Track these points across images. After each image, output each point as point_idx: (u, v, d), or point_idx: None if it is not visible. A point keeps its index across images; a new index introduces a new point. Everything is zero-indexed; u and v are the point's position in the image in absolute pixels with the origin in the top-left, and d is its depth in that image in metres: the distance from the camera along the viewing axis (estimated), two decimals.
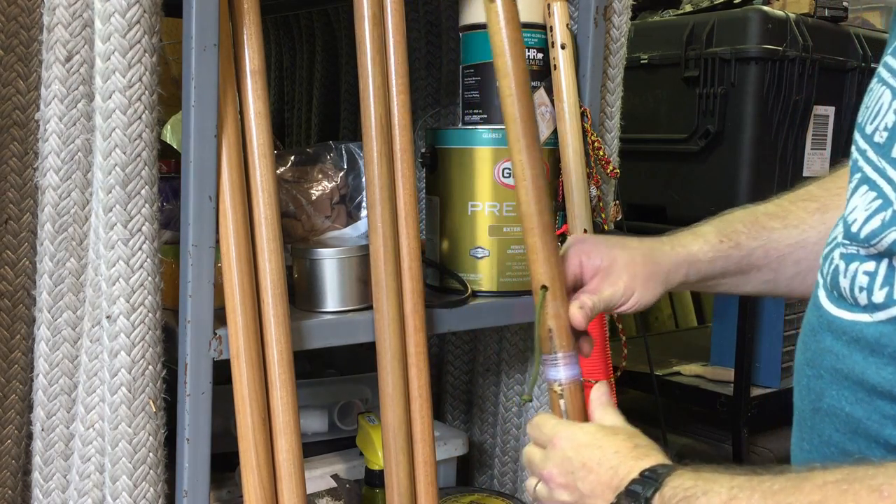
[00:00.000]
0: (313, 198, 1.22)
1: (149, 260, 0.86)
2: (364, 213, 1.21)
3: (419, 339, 1.02)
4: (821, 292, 0.77)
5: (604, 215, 1.17)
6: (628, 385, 1.93)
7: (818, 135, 1.98)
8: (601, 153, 1.15)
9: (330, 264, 1.03)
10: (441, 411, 1.47)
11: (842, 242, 0.75)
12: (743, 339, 1.95)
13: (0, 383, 0.95)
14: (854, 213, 0.73)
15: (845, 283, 0.73)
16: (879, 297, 0.69)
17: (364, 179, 1.09)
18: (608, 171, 1.17)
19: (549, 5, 1.12)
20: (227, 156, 0.89)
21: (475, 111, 1.15)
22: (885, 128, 0.72)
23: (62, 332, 0.93)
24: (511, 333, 1.33)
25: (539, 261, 0.85)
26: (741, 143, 1.87)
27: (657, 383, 1.32)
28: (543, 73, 1.13)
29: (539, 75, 1.12)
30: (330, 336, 1.01)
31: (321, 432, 1.30)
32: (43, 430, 0.94)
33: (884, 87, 0.74)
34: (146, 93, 0.83)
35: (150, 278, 0.86)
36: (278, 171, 1.17)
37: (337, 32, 1.64)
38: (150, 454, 0.87)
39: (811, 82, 1.91)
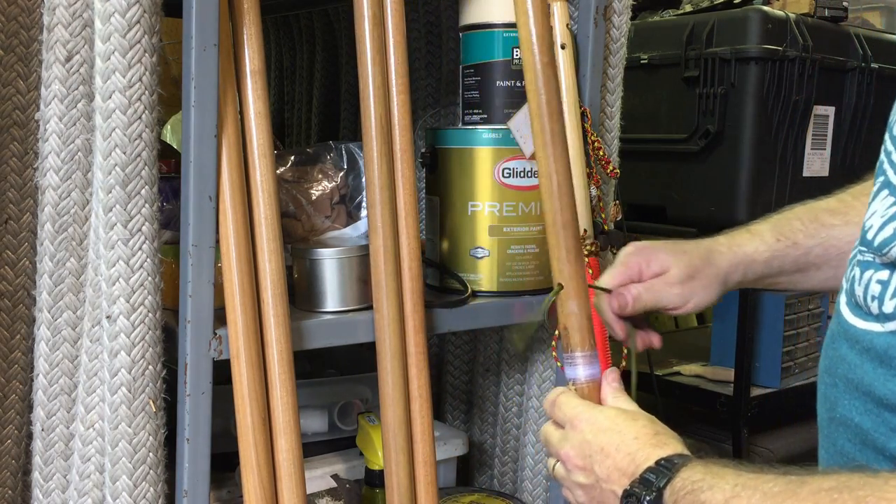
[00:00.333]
0: (313, 198, 1.21)
1: (149, 260, 0.86)
2: (364, 213, 1.21)
3: (419, 339, 1.02)
4: (842, 297, 0.75)
5: (604, 215, 1.17)
6: (628, 385, 1.93)
7: (818, 135, 1.98)
8: (601, 153, 1.15)
9: (330, 264, 1.03)
10: (441, 411, 1.47)
11: (859, 248, 0.73)
12: (743, 339, 1.95)
13: (0, 383, 0.95)
14: (872, 218, 0.71)
15: (860, 291, 0.71)
16: (889, 306, 0.67)
17: (364, 179, 1.09)
18: (608, 171, 1.17)
19: (549, 5, 1.12)
20: (227, 156, 0.89)
21: (475, 111, 1.15)
22: None
23: (62, 332, 0.93)
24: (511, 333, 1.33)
25: (557, 258, 0.84)
26: (741, 143, 1.87)
27: (657, 383, 1.32)
28: None
29: None
30: (330, 336, 1.01)
31: (321, 432, 1.30)
32: (43, 430, 0.94)
33: None
34: (146, 93, 0.83)
35: (150, 278, 0.86)
36: (278, 171, 1.17)
37: (337, 32, 1.64)
38: (150, 454, 0.87)
39: (811, 82, 1.91)
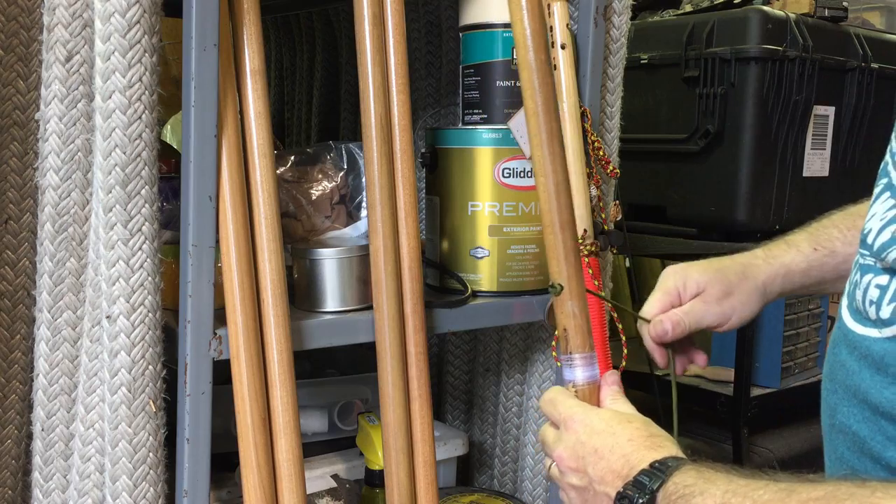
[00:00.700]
0: (313, 198, 1.21)
1: (149, 260, 0.86)
2: (364, 213, 1.21)
3: (419, 339, 1.02)
4: (844, 301, 0.74)
5: (604, 215, 1.17)
6: (628, 385, 1.93)
7: (818, 135, 1.98)
8: (601, 153, 1.15)
9: (330, 264, 1.03)
10: (441, 411, 1.47)
11: (860, 251, 0.72)
12: (743, 339, 1.95)
13: (0, 383, 0.95)
14: (871, 221, 0.71)
15: (859, 295, 0.70)
16: (886, 312, 0.67)
17: (364, 179, 1.09)
18: (608, 171, 1.17)
19: (548, 5, 1.12)
20: (227, 156, 0.89)
21: (475, 111, 1.15)
22: None
23: (62, 332, 0.93)
24: (511, 333, 1.33)
25: (556, 259, 0.83)
26: (741, 143, 1.87)
27: (657, 383, 1.32)
28: None
29: None
30: (330, 336, 1.01)
31: (321, 432, 1.30)
32: (43, 430, 0.94)
33: None
34: (146, 93, 0.83)
35: (150, 278, 0.86)
36: (278, 171, 1.17)
37: (337, 32, 1.64)
38: (150, 454, 0.87)
39: (811, 82, 1.91)
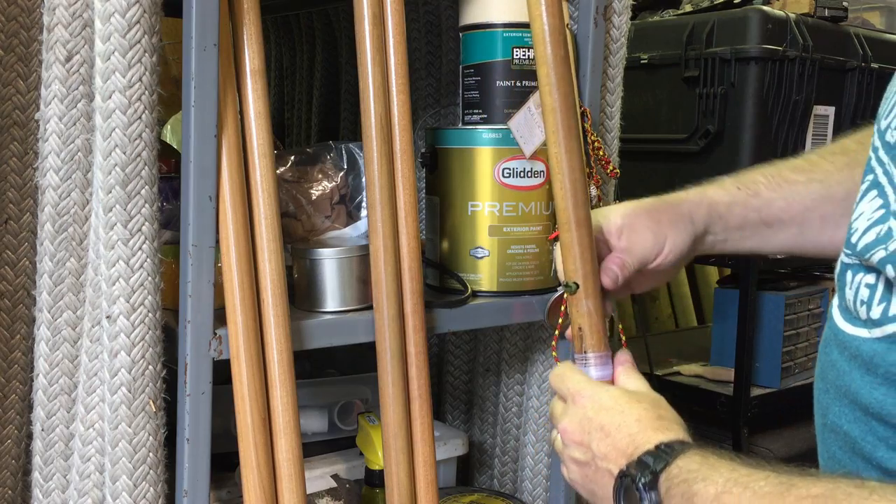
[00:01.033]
0: (313, 198, 1.21)
1: (149, 260, 0.86)
2: (364, 213, 1.21)
3: (419, 339, 1.02)
4: (835, 301, 0.74)
5: None
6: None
7: (818, 135, 1.98)
8: (601, 153, 1.15)
9: (330, 264, 1.03)
10: (441, 411, 1.47)
11: (844, 251, 0.72)
12: (743, 339, 1.95)
13: (0, 383, 0.95)
14: (858, 220, 0.70)
15: (850, 295, 0.70)
16: (876, 312, 0.66)
17: (364, 179, 1.09)
18: (608, 171, 1.17)
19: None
20: (227, 156, 0.89)
21: (475, 111, 1.15)
22: None
23: (62, 332, 0.93)
24: (511, 333, 1.33)
25: (571, 257, 0.82)
26: (741, 143, 1.87)
27: (657, 383, 1.32)
28: None
29: None
30: (330, 336, 1.01)
31: (321, 432, 1.30)
32: (43, 430, 0.94)
33: None
34: (146, 93, 0.83)
35: (150, 278, 0.86)
36: (278, 171, 1.17)
37: (337, 32, 1.64)
38: (150, 454, 0.87)
39: (811, 82, 1.91)
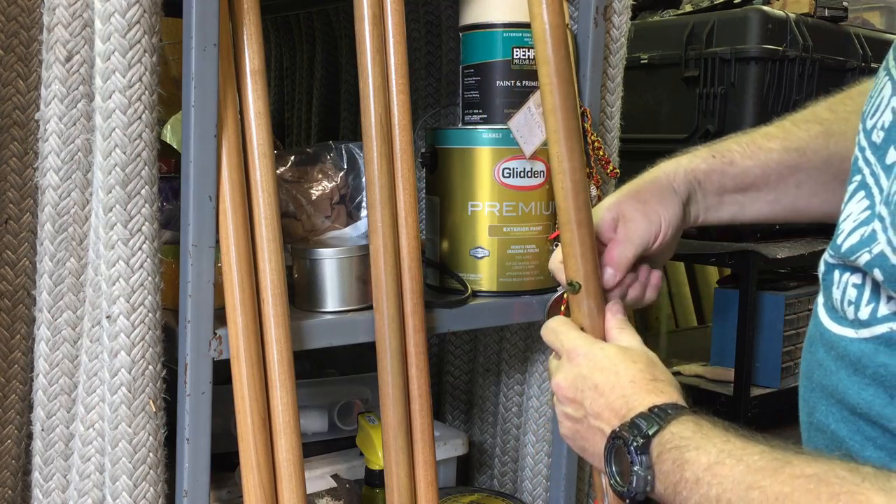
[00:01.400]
0: (313, 198, 1.21)
1: (149, 260, 0.86)
2: (364, 213, 1.21)
3: (419, 339, 1.02)
4: (820, 299, 0.74)
5: None
6: None
7: None
8: (601, 153, 1.15)
9: (330, 264, 1.03)
10: (441, 411, 1.47)
11: (829, 251, 0.72)
12: (743, 339, 1.95)
13: (0, 383, 0.95)
14: (846, 221, 0.69)
15: (837, 294, 0.70)
16: (865, 313, 0.66)
17: (364, 179, 1.09)
18: (608, 171, 1.17)
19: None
20: (227, 156, 0.89)
21: (475, 111, 1.15)
22: (882, 126, 0.68)
23: (62, 332, 0.93)
24: (511, 333, 1.33)
25: (573, 256, 0.82)
26: None
27: None
28: None
29: None
30: (330, 336, 1.01)
31: (321, 432, 1.30)
32: (43, 430, 0.94)
33: (887, 79, 0.70)
34: (146, 93, 0.83)
35: (150, 278, 0.86)
36: (278, 171, 1.17)
37: (337, 32, 1.64)
38: (150, 454, 0.87)
39: (811, 82, 1.91)
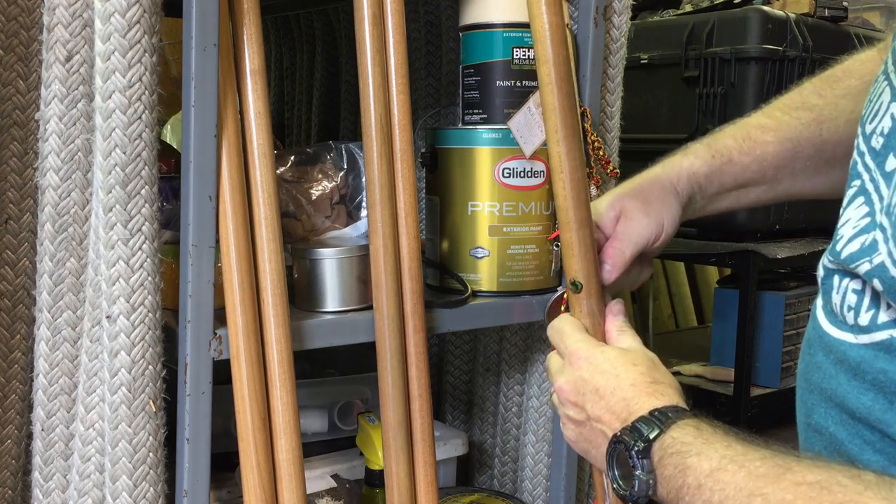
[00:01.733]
0: (313, 198, 1.21)
1: (149, 260, 0.86)
2: (364, 213, 1.21)
3: (419, 339, 1.02)
4: (818, 302, 0.74)
5: None
6: None
7: None
8: (601, 153, 1.15)
9: (330, 264, 1.03)
10: (441, 411, 1.47)
11: (828, 256, 0.72)
12: (743, 339, 1.95)
13: (0, 383, 0.95)
14: (844, 227, 0.70)
15: (837, 299, 0.70)
16: (865, 319, 0.66)
17: (364, 179, 1.09)
18: (608, 171, 1.17)
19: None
20: (227, 156, 0.89)
21: (475, 111, 1.15)
22: (881, 132, 0.68)
23: (62, 332, 0.93)
24: (511, 333, 1.33)
25: (574, 256, 0.82)
26: None
27: None
28: None
29: None
30: (330, 336, 1.01)
31: (321, 432, 1.30)
32: (43, 430, 0.94)
33: (885, 84, 0.70)
34: (146, 93, 0.83)
35: (150, 278, 0.86)
36: (278, 171, 1.17)
37: (337, 32, 1.64)
38: (150, 454, 0.87)
39: None
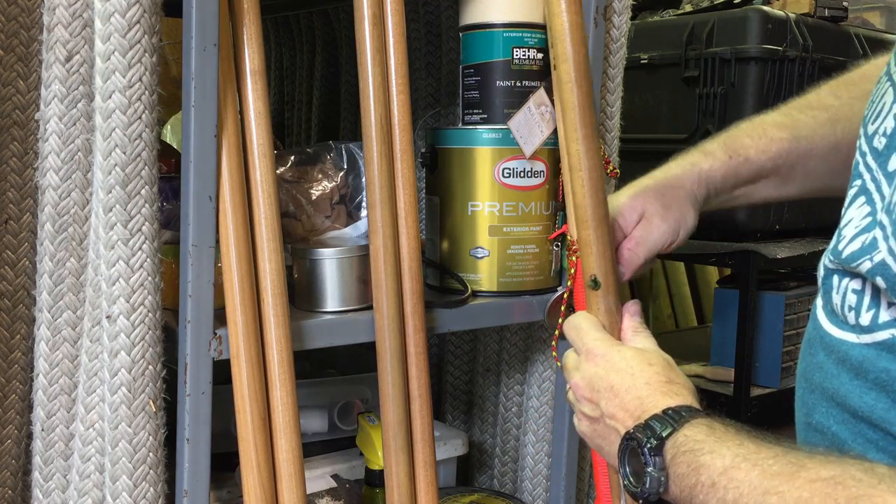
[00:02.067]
0: (313, 198, 1.21)
1: (149, 260, 0.86)
2: (364, 213, 1.21)
3: (419, 339, 1.02)
4: (819, 301, 0.74)
5: None
6: None
7: None
8: (601, 153, 1.15)
9: (330, 264, 1.03)
10: (441, 411, 1.47)
11: (829, 256, 0.72)
12: (743, 339, 1.95)
13: (0, 383, 0.95)
14: (847, 227, 0.70)
15: (837, 299, 0.70)
16: (866, 319, 0.66)
17: (364, 179, 1.09)
18: (608, 171, 1.17)
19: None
20: (227, 156, 0.89)
21: (475, 111, 1.15)
22: (884, 132, 0.68)
23: (62, 332, 0.93)
24: (511, 333, 1.33)
25: (593, 254, 0.83)
26: None
27: None
28: (543, 73, 1.12)
29: (539, 75, 1.12)
30: (330, 336, 1.01)
31: (321, 432, 1.30)
32: (43, 430, 0.94)
33: (888, 84, 0.70)
34: (146, 93, 0.83)
35: (150, 278, 0.86)
36: (278, 171, 1.17)
37: (337, 32, 1.64)
38: (150, 454, 0.87)
39: (811, 82, 1.90)
